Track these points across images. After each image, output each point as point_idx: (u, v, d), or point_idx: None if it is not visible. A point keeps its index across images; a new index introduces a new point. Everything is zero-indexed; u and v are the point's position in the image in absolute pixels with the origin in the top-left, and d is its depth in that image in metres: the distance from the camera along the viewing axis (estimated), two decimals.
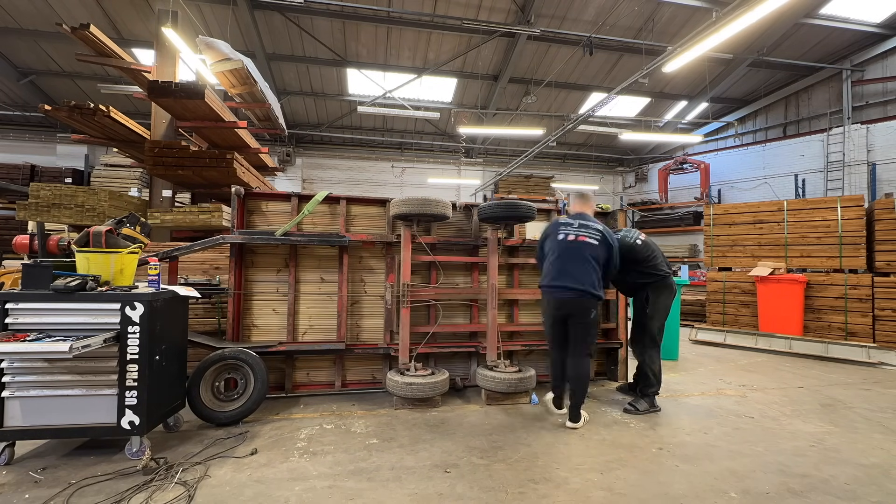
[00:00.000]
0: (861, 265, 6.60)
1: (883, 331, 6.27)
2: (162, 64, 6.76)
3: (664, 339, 5.67)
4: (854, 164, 11.21)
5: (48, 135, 13.03)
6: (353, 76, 12.04)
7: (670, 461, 2.75)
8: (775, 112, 13.48)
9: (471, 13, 9.78)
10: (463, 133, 12.76)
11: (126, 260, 2.84)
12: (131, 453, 2.57)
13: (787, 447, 2.99)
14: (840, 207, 6.76)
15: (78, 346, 2.20)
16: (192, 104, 5.88)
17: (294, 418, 3.40)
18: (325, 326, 4.06)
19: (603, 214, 4.99)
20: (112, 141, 7.21)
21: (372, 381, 4.17)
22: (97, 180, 10.72)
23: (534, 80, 12.12)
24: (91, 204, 6.04)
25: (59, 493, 2.23)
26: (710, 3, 9.12)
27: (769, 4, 4.99)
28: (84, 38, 5.83)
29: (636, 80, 8.33)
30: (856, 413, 3.75)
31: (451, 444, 2.95)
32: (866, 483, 2.50)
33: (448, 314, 4.28)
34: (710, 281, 7.83)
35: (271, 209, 4.08)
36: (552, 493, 2.33)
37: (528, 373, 3.88)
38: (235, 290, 3.82)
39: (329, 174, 15.32)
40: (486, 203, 4.11)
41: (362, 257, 4.20)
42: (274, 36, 10.55)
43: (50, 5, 9.22)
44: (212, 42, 6.00)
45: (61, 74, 11.44)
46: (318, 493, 2.29)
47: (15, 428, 2.49)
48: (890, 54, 10.90)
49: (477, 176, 16.23)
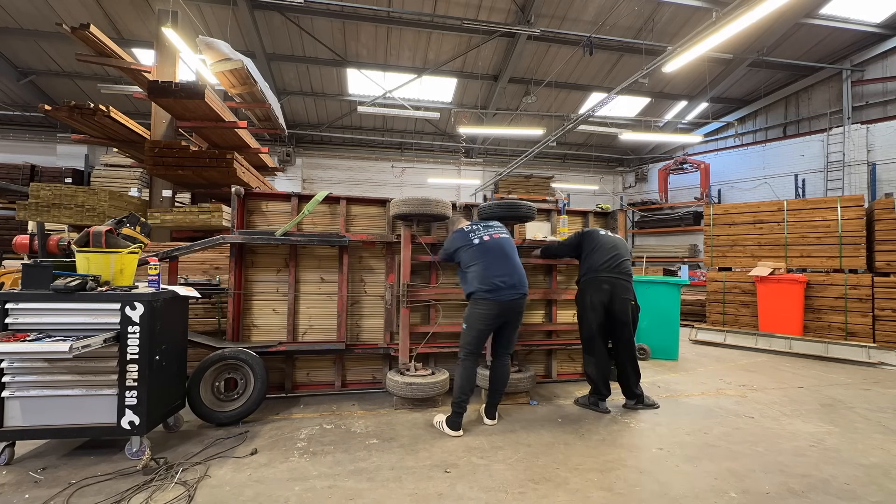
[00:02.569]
0: (861, 265, 6.60)
1: (883, 331, 6.27)
2: (162, 64, 6.76)
3: (664, 339, 5.77)
4: (854, 164, 11.21)
5: (48, 135, 13.03)
6: (353, 76, 12.04)
7: (670, 461, 2.75)
8: (775, 112, 13.48)
9: (471, 13, 9.78)
10: (463, 133, 12.76)
11: (126, 260, 2.84)
12: (131, 453, 2.57)
13: (787, 447, 2.99)
14: (840, 207, 6.76)
15: (78, 346, 2.20)
16: (192, 104, 5.87)
17: (294, 418, 3.40)
18: (325, 326, 4.06)
19: (603, 214, 4.97)
20: (112, 141, 7.21)
21: (372, 381, 4.17)
22: (97, 180, 10.71)
23: (534, 80, 12.12)
24: (91, 204, 6.04)
25: (59, 493, 2.23)
26: (710, 3, 9.11)
27: (769, 4, 4.99)
28: (84, 38, 5.83)
29: (636, 80, 8.33)
30: (856, 413, 3.75)
31: (451, 443, 2.95)
32: (866, 483, 2.50)
33: (448, 314, 4.28)
34: (710, 281, 7.83)
35: (271, 209, 4.07)
36: (552, 493, 2.33)
37: (528, 373, 3.88)
38: (235, 290, 3.82)
39: (329, 174, 15.33)
40: (486, 203, 4.11)
41: (362, 257, 4.20)
42: (274, 36, 10.55)
43: (50, 5, 9.22)
44: (212, 42, 5.99)
45: (61, 74, 11.44)
46: (318, 493, 2.29)
47: (15, 428, 2.49)
48: (890, 54, 10.90)
49: (477, 176, 16.23)
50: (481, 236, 3.37)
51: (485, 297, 3.18)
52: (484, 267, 3.25)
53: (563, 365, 4.65)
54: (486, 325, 3.24)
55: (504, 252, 3.33)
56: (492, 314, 3.20)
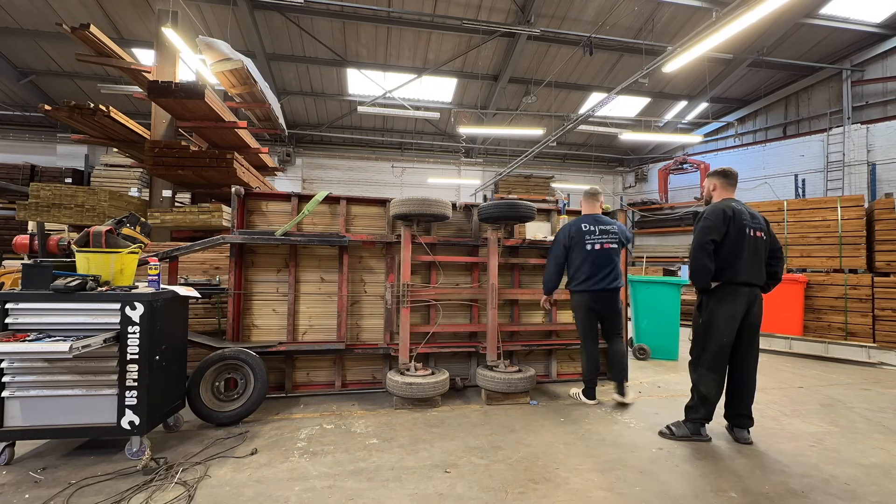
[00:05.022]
0: (861, 265, 6.60)
1: (883, 331, 6.27)
2: (162, 64, 6.76)
3: (664, 339, 5.77)
4: (854, 164, 11.22)
5: (48, 135, 13.04)
6: (353, 76, 12.04)
7: (670, 461, 2.75)
8: (775, 112, 13.48)
9: (471, 13, 9.78)
10: (463, 133, 12.75)
11: (126, 260, 2.84)
12: (131, 453, 2.57)
13: (787, 447, 2.99)
14: (840, 207, 6.76)
15: (78, 346, 2.20)
16: (192, 104, 5.87)
17: (294, 418, 3.40)
18: (325, 326, 4.06)
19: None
20: (112, 141, 7.21)
21: (372, 381, 4.17)
22: (97, 180, 10.72)
23: (534, 80, 12.12)
24: (91, 204, 6.04)
25: (59, 493, 2.23)
26: (710, 3, 9.12)
27: (769, 4, 4.99)
28: (84, 38, 5.84)
29: (636, 80, 8.33)
30: (856, 413, 3.75)
31: (451, 444, 2.95)
32: (866, 483, 2.50)
33: (448, 314, 4.28)
34: None
35: (271, 209, 4.07)
36: (552, 493, 2.33)
37: (528, 373, 3.88)
38: (235, 290, 3.82)
39: (329, 174, 15.33)
40: (486, 203, 4.12)
41: (362, 257, 4.20)
42: (274, 36, 10.55)
43: (50, 5, 9.22)
44: (212, 42, 5.99)
45: (61, 74, 11.44)
46: (318, 493, 2.29)
47: (15, 428, 2.49)
48: (890, 54, 10.90)
49: (477, 176, 16.23)
50: (594, 242, 3.84)
51: (581, 292, 3.83)
52: (584, 268, 3.81)
53: (563, 365, 4.65)
54: (586, 313, 3.85)
55: (608, 258, 3.88)
56: (587, 304, 3.84)
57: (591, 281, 3.76)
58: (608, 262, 3.79)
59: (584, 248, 3.79)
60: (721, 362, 3.00)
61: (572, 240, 3.85)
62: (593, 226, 3.86)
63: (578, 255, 3.81)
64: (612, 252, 3.82)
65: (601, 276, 3.76)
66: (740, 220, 2.97)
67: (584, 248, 3.79)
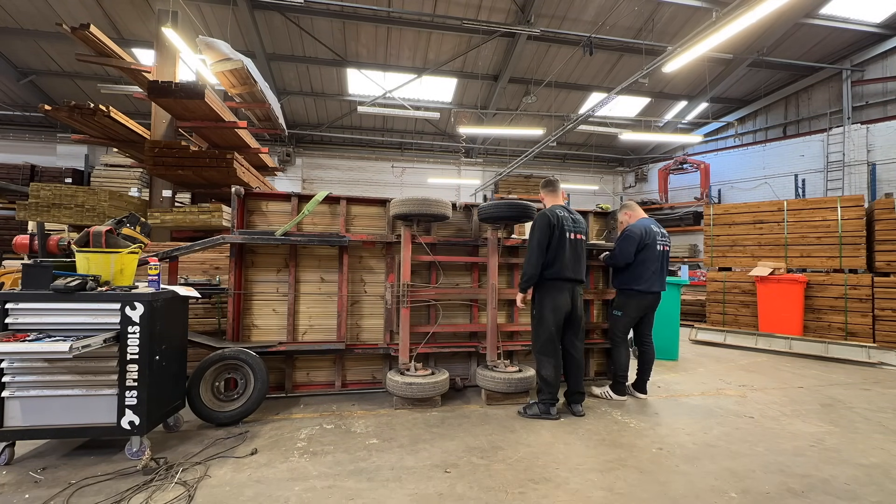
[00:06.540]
0: (861, 265, 6.60)
1: (883, 331, 6.27)
2: (162, 64, 6.76)
3: (664, 339, 5.76)
4: (854, 164, 11.22)
5: (48, 135, 13.04)
6: (353, 76, 12.04)
7: (670, 461, 2.75)
8: (775, 112, 13.48)
9: (471, 13, 9.78)
10: (463, 133, 12.76)
11: (126, 260, 2.84)
12: (131, 453, 2.57)
13: (787, 447, 2.99)
14: (840, 207, 6.76)
15: (78, 346, 2.20)
16: (192, 104, 5.88)
17: (294, 418, 3.40)
18: (325, 326, 4.06)
19: (603, 214, 4.99)
20: (112, 141, 7.21)
21: (372, 381, 4.17)
22: (97, 180, 10.73)
23: (534, 80, 12.13)
24: (91, 204, 6.04)
25: (59, 493, 2.23)
26: (710, 3, 9.12)
27: (769, 4, 4.99)
28: (84, 38, 5.84)
29: (636, 80, 8.33)
30: (856, 413, 3.75)
31: (451, 444, 2.95)
32: (866, 483, 2.50)
33: (448, 314, 4.28)
34: (710, 281, 7.83)
35: (271, 209, 4.07)
36: (552, 493, 2.33)
37: (528, 373, 3.88)
38: (235, 290, 3.82)
39: (329, 174, 15.33)
40: (486, 203, 4.11)
41: (362, 257, 4.20)
42: (274, 36, 10.55)
43: (50, 5, 9.22)
44: (212, 42, 6.00)
45: (61, 74, 11.44)
46: (318, 493, 2.29)
47: (15, 428, 2.49)
48: (890, 54, 10.90)
49: (477, 176, 16.23)
50: (663, 244, 4.04)
51: (641, 293, 3.95)
52: (653, 270, 3.92)
53: None
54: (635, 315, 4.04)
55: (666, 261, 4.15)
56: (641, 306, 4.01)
57: (659, 282, 3.94)
58: (667, 265, 4.05)
59: (655, 250, 3.92)
60: (553, 348, 3.50)
61: (645, 240, 3.93)
62: (657, 227, 4.05)
63: (651, 256, 3.91)
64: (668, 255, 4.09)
65: (663, 279, 3.99)
66: (562, 225, 3.48)
67: (655, 249, 3.92)
